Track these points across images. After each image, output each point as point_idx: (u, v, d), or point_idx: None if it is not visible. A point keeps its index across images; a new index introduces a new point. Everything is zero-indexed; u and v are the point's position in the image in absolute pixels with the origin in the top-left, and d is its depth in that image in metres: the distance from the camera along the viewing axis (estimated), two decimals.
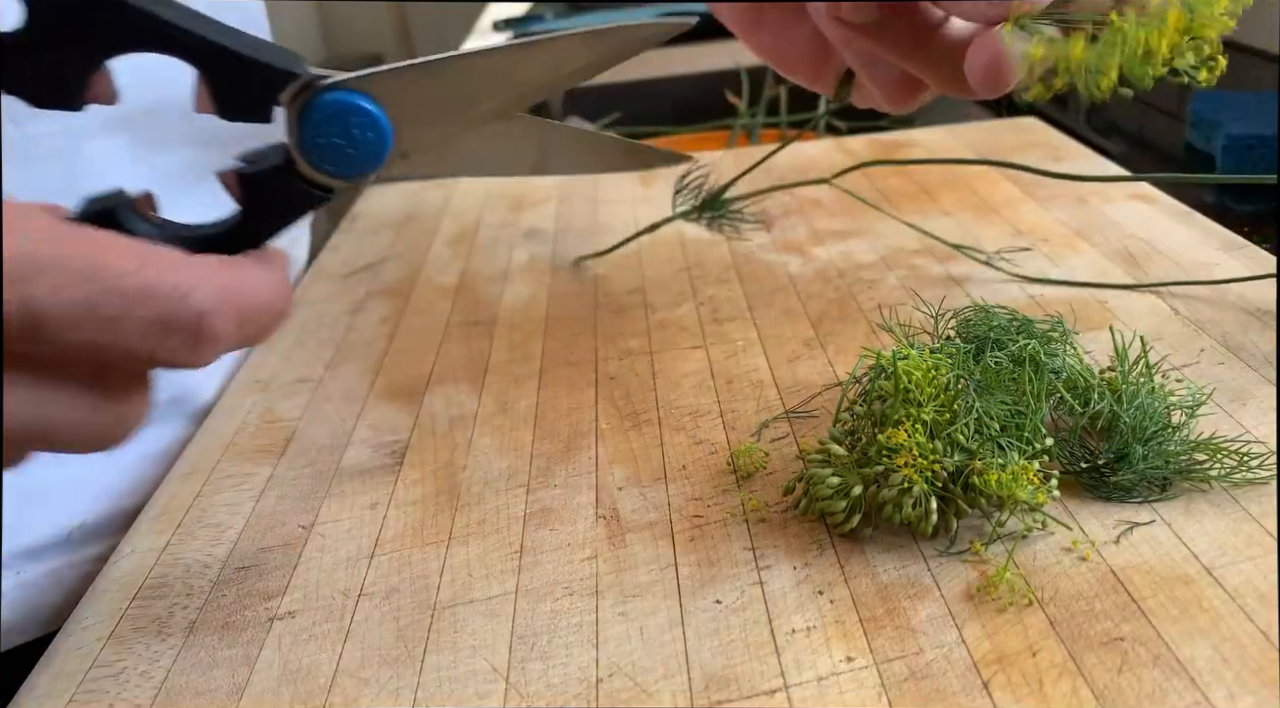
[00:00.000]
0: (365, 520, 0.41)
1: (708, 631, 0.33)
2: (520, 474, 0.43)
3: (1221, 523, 0.35)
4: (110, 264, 0.25)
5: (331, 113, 0.30)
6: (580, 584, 0.36)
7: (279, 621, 0.36)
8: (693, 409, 0.46)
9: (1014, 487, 0.34)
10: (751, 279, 0.58)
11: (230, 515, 0.42)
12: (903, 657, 0.31)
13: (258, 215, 0.30)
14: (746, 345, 0.51)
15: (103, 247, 0.25)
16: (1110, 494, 0.37)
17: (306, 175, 0.31)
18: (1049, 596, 0.33)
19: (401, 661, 0.34)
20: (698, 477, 0.41)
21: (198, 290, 0.26)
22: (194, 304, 0.26)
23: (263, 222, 0.30)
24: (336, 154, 0.30)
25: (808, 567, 0.35)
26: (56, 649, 0.36)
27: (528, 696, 0.32)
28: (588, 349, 0.52)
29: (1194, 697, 0.29)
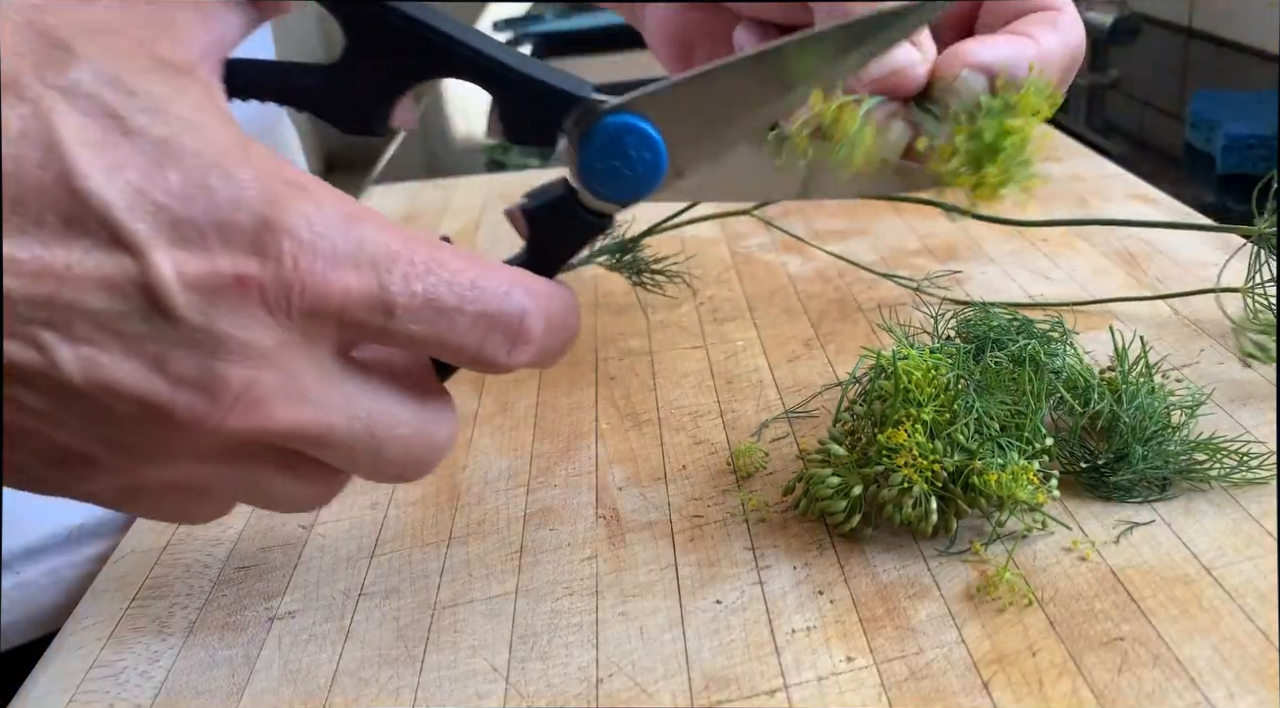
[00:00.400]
0: (365, 521, 0.41)
1: (708, 631, 0.33)
2: (520, 474, 0.43)
3: (1221, 523, 0.35)
4: (446, 260, 0.26)
5: (610, 136, 0.31)
6: (580, 584, 0.36)
7: (279, 621, 0.36)
8: (693, 409, 0.46)
9: (1014, 487, 0.34)
10: (751, 279, 0.58)
11: (230, 515, 0.42)
12: (903, 657, 0.31)
13: (543, 249, 0.32)
14: (746, 345, 0.51)
15: (436, 245, 0.27)
16: (1110, 494, 0.37)
17: (587, 203, 0.32)
18: (1049, 595, 0.33)
19: (401, 661, 0.34)
20: (698, 477, 0.41)
21: (517, 290, 0.27)
22: (515, 302, 0.27)
23: (548, 255, 0.31)
24: (615, 178, 0.31)
25: (808, 567, 0.35)
26: (56, 649, 0.36)
27: (528, 696, 0.32)
28: (588, 349, 0.52)
29: (1194, 697, 0.29)
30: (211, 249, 0.23)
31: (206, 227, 0.23)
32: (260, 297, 0.24)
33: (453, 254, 0.27)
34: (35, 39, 0.23)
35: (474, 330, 0.27)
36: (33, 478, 0.26)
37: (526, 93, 0.30)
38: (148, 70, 0.24)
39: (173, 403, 0.24)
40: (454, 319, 0.26)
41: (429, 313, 0.26)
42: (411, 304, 0.26)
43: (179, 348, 0.23)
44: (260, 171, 0.24)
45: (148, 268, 0.22)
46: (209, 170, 0.23)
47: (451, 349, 0.27)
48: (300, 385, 0.25)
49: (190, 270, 0.23)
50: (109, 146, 0.22)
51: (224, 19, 0.27)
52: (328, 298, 0.24)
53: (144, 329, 0.23)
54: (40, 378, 0.23)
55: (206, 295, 0.23)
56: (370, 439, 0.27)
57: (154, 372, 0.23)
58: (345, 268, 0.24)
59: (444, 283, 0.26)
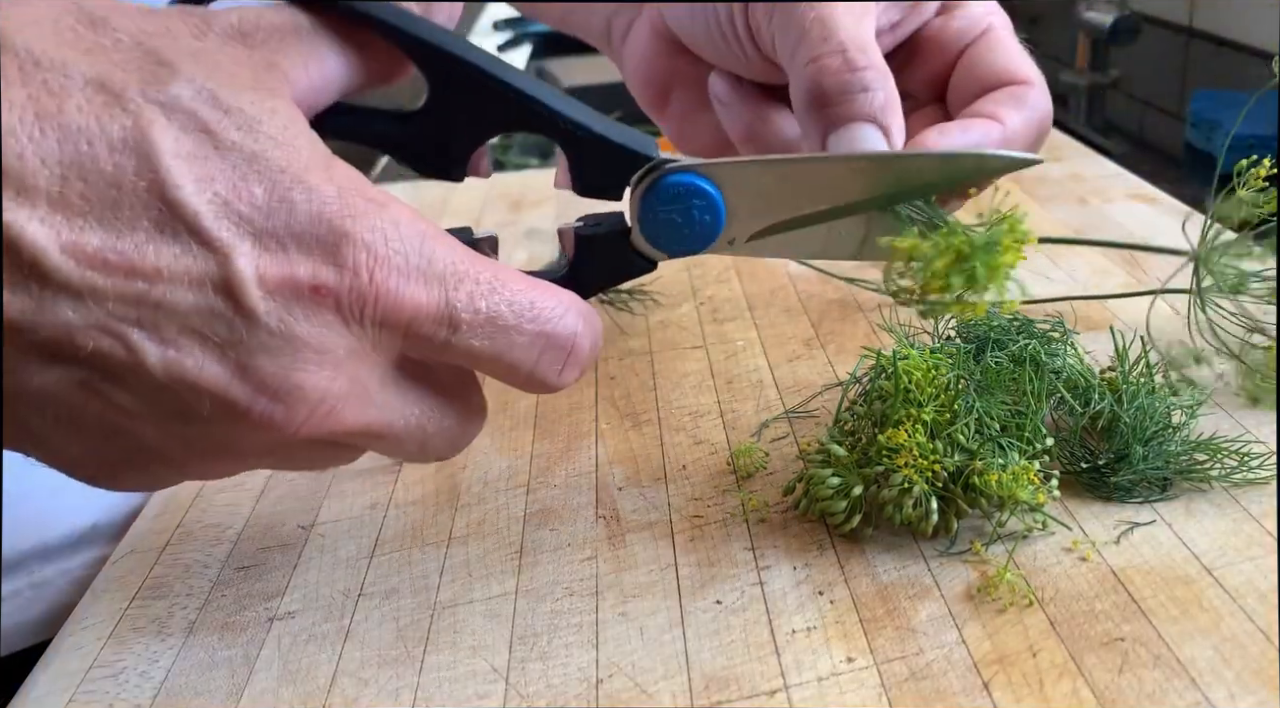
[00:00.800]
0: (365, 521, 0.41)
1: (708, 631, 0.33)
2: (520, 474, 0.43)
3: (1222, 523, 0.35)
4: (508, 281, 0.28)
5: (677, 193, 0.32)
6: (580, 584, 0.36)
7: (279, 621, 0.36)
8: (693, 409, 0.46)
9: (1014, 487, 0.34)
10: (751, 279, 0.58)
11: (230, 516, 0.42)
12: (903, 657, 0.31)
13: (584, 272, 0.33)
14: (746, 345, 0.51)
15: (498, 266, 0.28)
16: (1110, 494, 0.37)
17: (637, 246, 0.33)
18: (1049, 596, 0.33)
19: (401, 661, 0.34)
20: (698, 477, 0.41)
21: (571, 312, 0.29)
22: (569, 324, 0.29)
23: (586, 280, 0.33)
24: (672, 231, 0.33)
25: (808, 567, 0.35)
26: (56, 649, 0.36)
27: (528, 696, 0.32)
28: None
29: (1194, 697, 0.29)
30: (291, 258, 0.25)
31: (287, 237, 0.25)
32: (336, 305, 0.25)
33: (514, 275, 0.28)
34: (142, 57, 0.24)
35: (531, 349, 0.29)
36: (101, 471, 0.27)
37: (598, 151, 0.31)
38: (243, 90, 0.25)
39: (250, 407, 0.25)
40: (513, 337, 0.28)
41: (490, 329, 0.28)
42: (475, 320, 0.27)
43: (259, 354, 0.25)
44: (342, 189, 0.25)
45: (229, 269, 0.24)
46: (293, 186, 0.25)
47: (507, 366, 0.29)
48: (366, 391, 0.27)
49: (271, 275, 0.24)
50: (200, 159, 0.24)
51: (328, 67, 0.28)
52: (399, 310, 0.26)
53: (226, 332, 0.24)
54: (128, 374, 0.24)
55: (285, 301, 0.25)
56: (420, 435, 0.30)
57: (236, 375, 0.25)
58: (417, 283, 0.26)
59: (505, 302, 0.28)
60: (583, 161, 0.31)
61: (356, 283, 0.25)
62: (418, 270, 0.26)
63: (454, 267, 0.27)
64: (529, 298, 0.28)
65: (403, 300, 0.26)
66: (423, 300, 0.26)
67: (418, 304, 0.26)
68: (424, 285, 0.26)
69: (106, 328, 0.23)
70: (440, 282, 0.27)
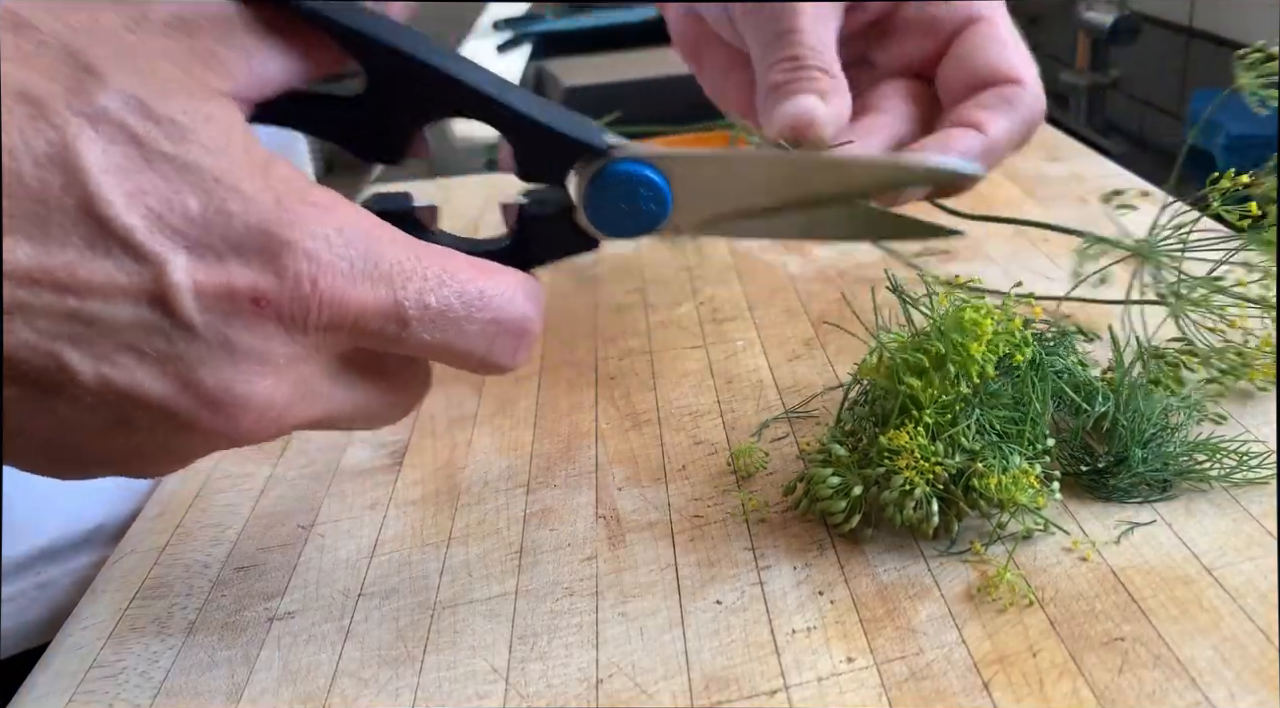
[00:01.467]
0: (365, 521, 0.41)
1: (708, 631, 0.33)
2: (520, 474, 0.43)
3: (1222, 523, 0.35)
4: (456, 271, 0.28)
5: (624, 181, 0.32)
6: (580, 584, 0.36)
7: (279, 621, 0.36)
8: (693, 409, 0.46)
9: (1014, 490, 0.34)
10: (751, 279, 0.58)
11: (230, 516, 0.42)
12: (903, 657, 0.31)
13: (526, 249, 0.33)
14: (746, 345, 0.51)
15: (446, 255, 0.28)
16: (1110, 495, 0.37)
17: (581, 226, 0.33)
18: (1049, 596, 0.33)
19: (401, 661, 0.34)
20: (698, 477, 0.41)
21: (520, 294, 0.29)
22: (519, 307, 0.29)
23: (529, 255, 0.33)
24: (618, 216, 0.33)
25: (808, 567, 0.35)
26: (56, 649, 0.36)
27: (528, 696, 0.32)
28: (588, 349, 0.52)
29: (1194, 697, 0.29)
30: (229, 269, 0.24)
31: (224, 248, 0.24)
32: (277, 315, 0.25)
33: (461, 264, 0.28)
34: (67, 63, 0.24)
35: (482, 337, 0.29)
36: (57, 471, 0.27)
37: (541, 138, 0.31)
38: (175, 96, 0.25)
39: (195, 420, 0.25)
40: (464, 327, 0.28)
41: (441, 323, 0.28)
42: (425, 316, 0.27)
43: (200, 366, 0.25)
44: (281, 195, 0.25)
45: (165, 283, 0.24)
46: (229, 196, 0.24)
47: (459, 355, 0.29)
48: (312, 389, 0.27)
49: (208, 288, 0.24)
50: (131, 172, 0.23)
51: (267, 65, 0.28)
52: (344, 314, 0.26)
53: (165, 346, 0.24)
54: (65, 391, 0.24)
55: (224, 312, 0.24)
56: (366, 413, 0.30)
57: (177, 389, 0.25)
58: (363, 285, 0.26)
59: (455, 294, 0.28)
60: (525, 148, 0.31)
61: (299, 292, 0.25)
62: (363, 274, 0.26)
63: (400, 265, 0.27)
64: (478, 287, 0.28)
65: (348, 304, 0.26)
66: (369, 302, 0.26)
67: (364, 306, 0.26)
68: (370, 287, 0.26)
69: (37, 347, 0.23)
70: (387, 282, 0.26)
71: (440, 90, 0.30)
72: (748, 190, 0.34)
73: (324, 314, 0.25)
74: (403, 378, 0.31)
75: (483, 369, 0.30)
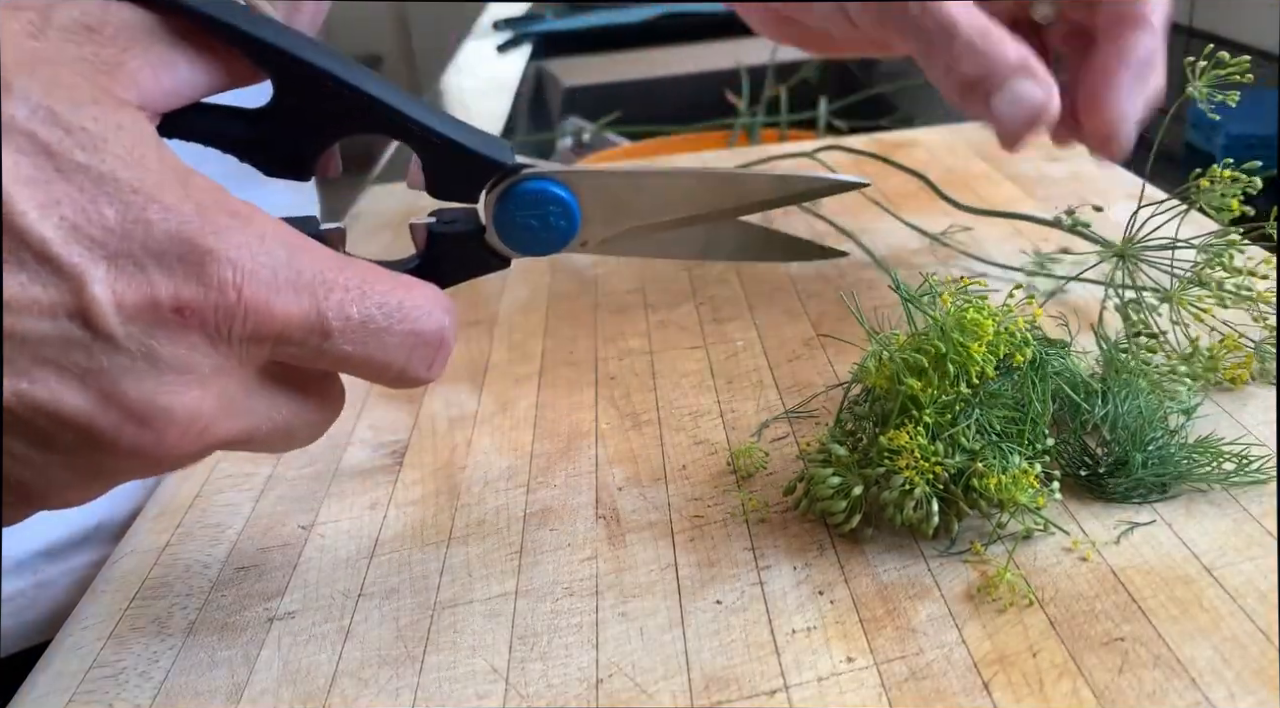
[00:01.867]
0: (365, 521, 0.41)
1: (708, 631, 0.33)
2: (520, 474, 0.43)
3: (1222, 523, 0.35)
4: (374, 283, 0.28)
5: (533, 199, 0.33)
6: (580, 584, 0.36)
7: (279, 621, 0.36)
8: (693, 409, 0.46)
9: (1014, 491, 0.34)
10: (751, 279, 0.58)
11: (230, 515, 0.42)
12: (903, 657, 0.31)
13: (435, 269, 0.33)
14: (746, 345, 0.51)
15: (364, 268, 0.28)
16: (1110, 496, 0.37)
17: (491, 245, 0.34)
18: (1049, 596, 0.33)
19: (401, 661, 0.34)
20: (698, 477, 0.41)
21: (437, 307, 0.29)
22: (436, 319, 0.29)
23: (439, 274, 0.33)
24: (527, 234, 0.34)
25: (808, 567, 0.35)
26: (56, 649, 0.36)
27: (528, 696, 0.32)
28: (588, 349, 0.52)
29: (1194, 697, 0.29)
30: (151, 279, 0.24)
31: (145, 258, 0.24)
32: (201, 324, 0.25)
33: (379, 276, 0.28)
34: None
35: (401, 349, 0.29)
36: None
37: (450, 156, 0.31)
38: (86, 105, 0.24)
39: (118, 436, 0.24)
40: (384, 339, 0.28)
41: (362, 334, 0.27)
42: (346, 327, 0.27)
43: (122, 379, 0.24)
44: (202, 205, 0.25)
45: (84, 296, 0.23)
46: (148, 205, 0.24)
47: (378, 366, 0.29)
48: (234, 402, 0.27)
49: (129, 299, 0.24)
50: (43, 183, 0.23)
51: (178, 73, 0.27)
52: (269, 324, 0.26)
53: (85, 360, 0.23)
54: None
55: (146, 324, 0.24)
56: (286, 430, 0.29)
57: (99, 404, 0.24)
58: (287, 295, 0.26)
59: (376, 305, 0.28)
60: (436, 166, 0.32)
61: (223, 301, 0.24)
62: (287, 283, 0.26)
63: (322, 276, 0.26)
64: (397, 298, 0.28)
65: (274, 314, 0.25)
66: (294, 312, 0.26)
67: (289, 316, 0.26)
68: (294, 297, 0.26)
69: None
70: (310, 292, 0.26)
71: (349, 106, 0.29)
72: (652, 206, 0.35)
73: (249, 324, 0.25)
74: (319, 394, 0.30)
75: (398, 382, 0.30)
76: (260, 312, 0.25)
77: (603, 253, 0.36)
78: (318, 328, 0.26)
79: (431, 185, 0.32)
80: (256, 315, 0.25)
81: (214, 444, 0.27)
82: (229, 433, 0.27)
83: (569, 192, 0.33)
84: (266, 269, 0.25)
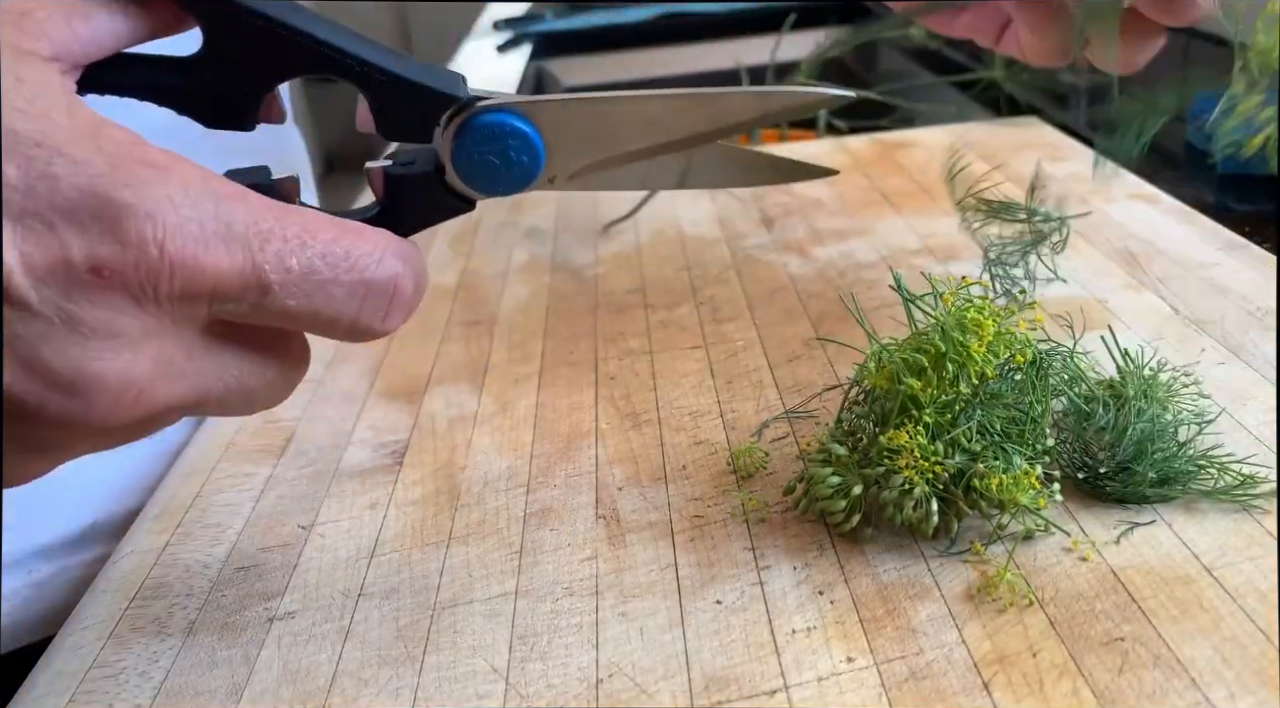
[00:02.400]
0: (365, 521, 0.41)
1: (708, 631, 0.33)
2: (520, 474, 0.43)
3: (1222, 523, 0.35)
4: (316, 231, 0.26)
5: (491, 133, 0.31)
6: (580, 584, 0.36)
7: (279, 621, 0.36)
8: (693, 409, 0.46)
9: (1015, 491, 0.34)
10: (751, 279, 0.58)
11: (230, 516, 0.42)
12: (903, 657, 0.31)
13: (397, 214, 0.31)
14: (746, 345, 0.51)
15: (306, 215, 0.26)
16: (1110, 497, 0.37)
17: (453, 186, 0.32)
18: (1049, 596, 0.33)
19: (401, 661, 0.34)
20: (698, 477, 0.41)
21: (389, 254, 0.27)
22: (387, 267, 0.27)
23: (401, 221, 0.31)
24: (489, 172, 0.32)
25: (808, 567, 0.35)
26: (56, 649, 0.36)
27: (528, 696, 0.32)
28: (588, 349, 0.52)
29: (1194, 697, 0.29)
30: (62, 238, 0.22)
31: (53, 215, 0.22)
32: (123, 284, 0.23)
33: (323, 223, 0.26)
34: None
35: (350, 301, 0.27)
36: None
37: (398, 92, 0.30)
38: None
39: (43, 405, 0.23)
40: (330, 291, 0.26)
41: (305, 287, 0.26)
42: (287, 280, 0.25)
43: (42, 347, 0.23)
44: (114, 156, 0.23)
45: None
46: (53, 159, 0.22)
47: (327, 320, 0.27)
48: (173, 365, 0.25)
49: (39, 260, 0.22)
50: None
51: (93, 21, 0.26)
52: (200, 281, 0.24)
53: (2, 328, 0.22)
54: None
55: (61, 286, 0.23)
56: (243, 392, 0.28)
57: (19, 373, 0.23)
58: (216, 249, 0.24)
59: (318, 255, 0.26)
60: (383, 104, 0.29)
61: (144, 258, 0.23)
62: (215, 235, 0.24)
63: (257, 226, 0.25)
64: (343, 247, 0.26)
65: (203, 270, 0.24)
66: (225, 267, 0.24)
67: (220, 272, 0.24)
68: (225, 250, 0.24)
69: None
70: (243, 244, 0.24)
71: (284, 46, 0.28)
72: (621, 134, 0.32)
73: (176, 281, 0.23)
74: (276, 352, 0.28)
75: (353, 335, 0.28)
76: (188, 267, 0.24)
77: (575, 189, 0.34)
78: (254, 282, 0.25)
79: (381, 126, 0.30)
80: (184, 272, 0.23)
81: (158, 410, 0.25)
82: (172, 397, 0.25)
83: (529, 123, 0.31)
84: (192, 222, 0.24)
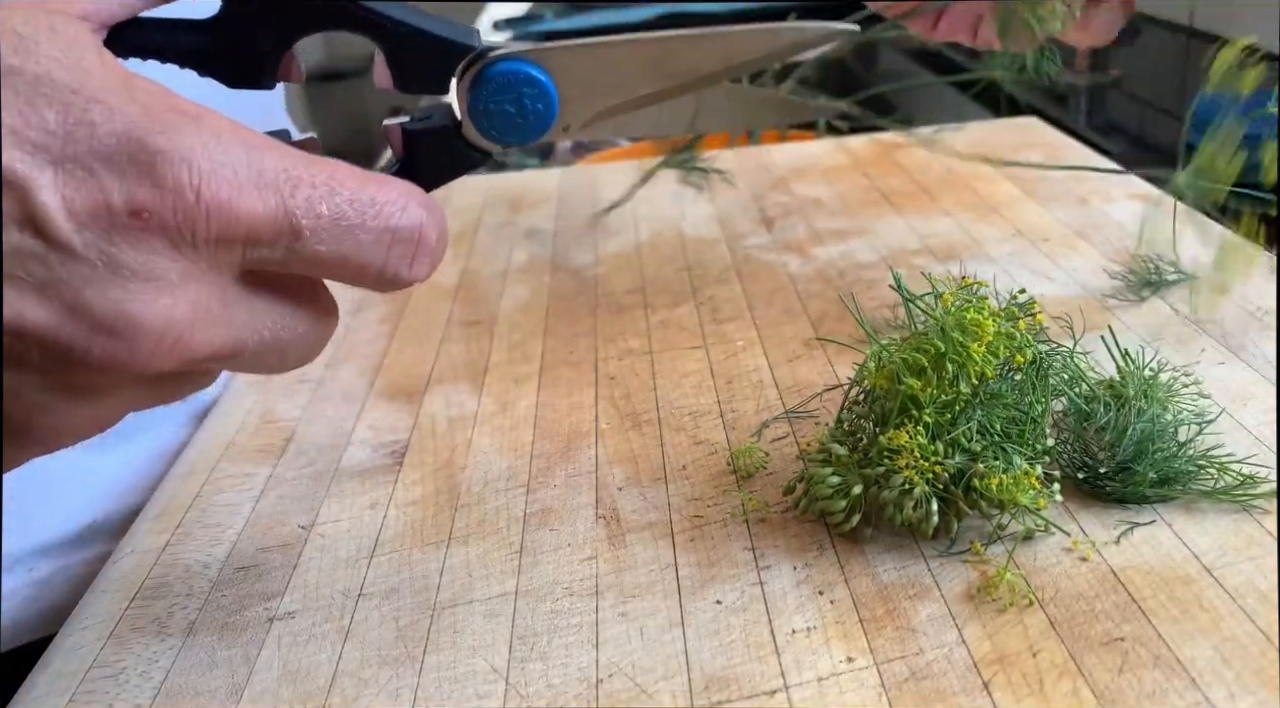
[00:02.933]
0: (365, 521, 0.41)
1: (708, 631, 0.33)
2: (520, 474, 0.43)
3: (1222, 523, 0.35)
4: (344, 179, 0.26)
5: (506, 81, 0.31)
6: (580, 584, 0.36)
7: (278, 621, 0.36)
8: (693, 409, 0.46)
9: (1015, 492, 0.34)
10: (751, 279, 0.58)
11: (230, 516, 0.42)
12: (903, 657, 0.31)
13: (416, 170, 0.32)
14: (746, 345, 0.51)
15: (331, 164, 0.26)
16: (1110, 497, 0.37)
17: (470, 139, 0.32)
18: (1049, 596, 0.33)
19: (401, 661, 0.34)
20: (698, 477, 0.41)
21: (412, 201, 0.28)
22: (412, 215, 0.27)
23: (420, 176, 0.31)
24: (505, 121, 0.32)
25: (808, 567, 0.35)
26: (56, 649, 0.36)
27: (528, 696, 0.32)
28: (588, 349, 0.52)
29: (1194, 697, 0.29)
30: (102, 183, 0.23)
31: (93, 161, 0.23)
32: (161, 227, 0.23)
33: (350, 172, 0.27)
34: None
35: (378, 247, 0.27)
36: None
37: (415, 44, 0.30)
38: (11, 11, 0.23)
39: (89, 348, 0.24)
40: (359, 237, 0.27)
41: (335, 232, 0.26)
42: (317, 225, 0.26)
43: (85, 289, 0.23)
44: (147, 105, 0.24)
45: (33, 203, 0.22)
46: (90, 106, 0.23)
47: (356, 267, 0.27)
48: (210, 312, 0.25)
49: (80, 204, 0.23)
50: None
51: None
52: (235, 225, 0.24)
53: (43, 271, 0.23)
54: None
55: (102, 229, 0.23)
56: (276, 346, 0.28)
57: (64, 316, 0.23)
58: (249, 194, 0.24)
59: (346, 201, 0.26)
60: (400, 56, 0.30)
61: (181, 202, 0.23)
62: (249, 181, 0.24)
63: (287, 172, 0.25)
64: (369, 194, 0.27)
65: (237, 214, 0.24)
66: (259, 211, 0.24)
67: (254, 216, 0.24)
68: (258, 195, 0.24)
69: None
70: (275, 189, 0.25)
71: (302, 3, 0.28)
72: (632, 76, 0.33)
73: (213, 226, 0.24)
74: (305, 303, 0.29)
75: (381, 283, 0.28)
76: (223, 212, 0.24)
77: (589, 137, 0.34)
78: (286, 227, 0.25)
79: (398, 79, 0.30)
80: (220, 216, 0.24)
81: (196, 358, 0.25)
82: (210, 345, 0.26)
83: (542, 70, 0.31)
84: (226, 167, 0.24)
